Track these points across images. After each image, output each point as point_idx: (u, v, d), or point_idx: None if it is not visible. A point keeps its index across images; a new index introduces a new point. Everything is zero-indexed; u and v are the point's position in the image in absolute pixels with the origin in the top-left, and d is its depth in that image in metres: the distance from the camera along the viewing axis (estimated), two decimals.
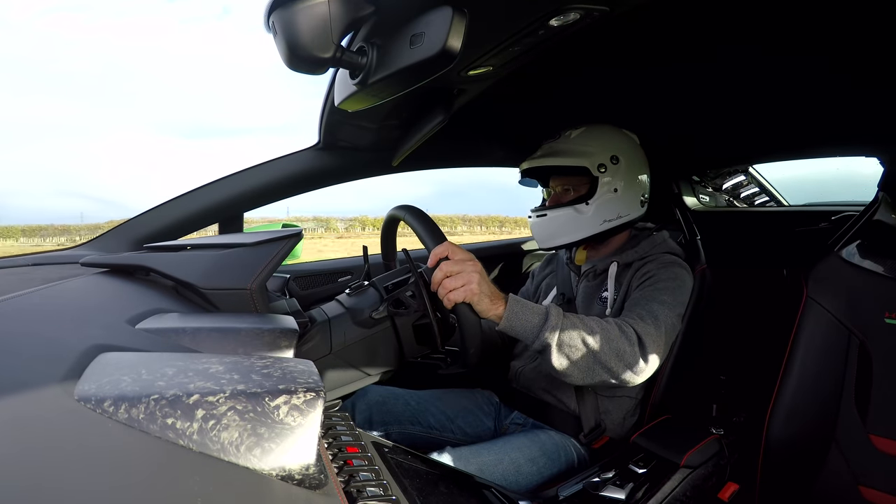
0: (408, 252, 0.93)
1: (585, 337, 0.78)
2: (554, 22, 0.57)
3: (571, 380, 0.82)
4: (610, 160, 1.02)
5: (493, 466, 0.86)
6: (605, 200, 1.02)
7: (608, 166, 1.02)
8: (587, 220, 1.02)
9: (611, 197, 1.02)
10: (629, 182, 1.04)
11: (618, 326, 0.82)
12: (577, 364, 0.79)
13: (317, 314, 0.89)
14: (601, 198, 1.02)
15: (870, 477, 0.89)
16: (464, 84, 0.77)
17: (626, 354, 0.80)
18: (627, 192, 1.04)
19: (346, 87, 0.63)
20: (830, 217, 1.28)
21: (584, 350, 0.78)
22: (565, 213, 1.03)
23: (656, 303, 0.90)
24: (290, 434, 0.30)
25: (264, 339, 0.51)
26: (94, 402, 0.28)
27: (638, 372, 0.82)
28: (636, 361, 0.80)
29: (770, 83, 0.96)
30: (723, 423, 1.03)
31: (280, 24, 0.47)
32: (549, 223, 1.05)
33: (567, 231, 1.04)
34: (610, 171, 1.02)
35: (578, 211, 1.02)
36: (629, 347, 0.80)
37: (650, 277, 0.96)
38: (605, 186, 1.02)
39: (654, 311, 0.87)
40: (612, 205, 1.03)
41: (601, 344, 0.79)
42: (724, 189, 1.93)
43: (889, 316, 0.92)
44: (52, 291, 0.54)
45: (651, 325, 0.85)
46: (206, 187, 1.07)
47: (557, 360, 0.79)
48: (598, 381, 0.82)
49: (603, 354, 0.79)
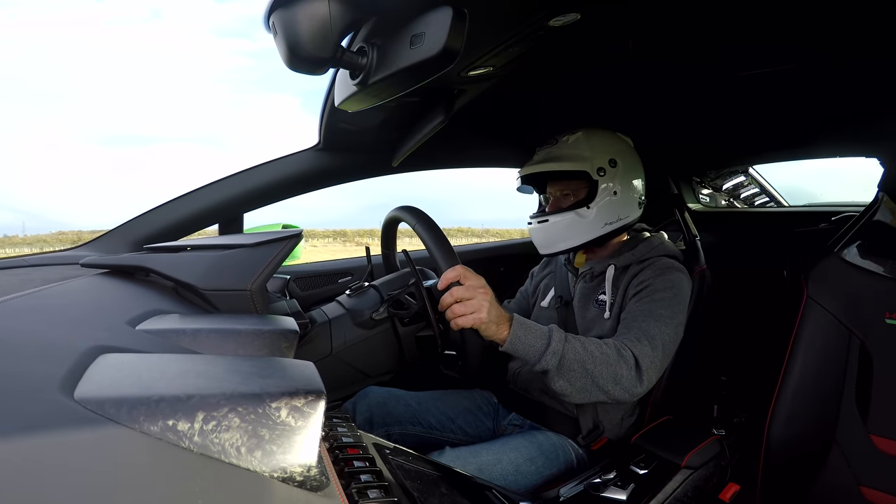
0: (408, 253, 0.93)
1: (584, 361, 0.82)
2: (554, 22, 0.57)
3: (569, 399, 0.86)
4: (608, 163, 1.03)
5: (492, 466, 0.87)
6: (605, 203, 1.02)
7: (607, 170, 1.02)
8: (589, 223, 1.03)
9: (611, 200, 1.03)
10: (627, 184, 1.05)
11: (616, 350, 0.84)
12: (575, 385, 0.83)
13: (317, 315, 0.89)
14: (602, 201, 1.02)
15: (871, 477, 0.89)
16: (464, 84, 0.77)
17: (622, 378, 0.83)
18: (626, 195, 1.04)
19: (346, 88, 0.63)
20: (830, 217, 1.28)
21: (583, 373, 0.82)
22: (567, 218, 1.03)
23: (653, 320, 0.90)
24: (291, 436, 0.30)
25: (264, 340, 0.51)
26: (95, 403, 0.28)
27: (633, 394, 0.85)
28: (632, 385, 0.84)
29: (770, 83, 0.97)
30: (724, 424, 1.03)
31: (280, 25, 0.47)
32: (552, 229, 1.06)
33: (569, 236, 1.04)
34: (609, 174, 1.02)
35: (580, 215, 1.02)
36: (626, 371, 0.83)
37: (646, 288, 0.96)
38: (604, 190, 1.02)
39: (651, 332, 0.88)
40: (612, 207, 1.03)
41: (599, 368, 0.82)
42: (725, 189, 1.93)
43: (889, 316, 0.92)
44: (52, 292, 0.53)
45: (648, 346, 0.86)
46: (206, 188, 1.07)
47: (556, 383, 0.83)
48: (595, 401, 0.87)
49: (600, 378, 0.82)
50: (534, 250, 1.15)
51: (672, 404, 1.08)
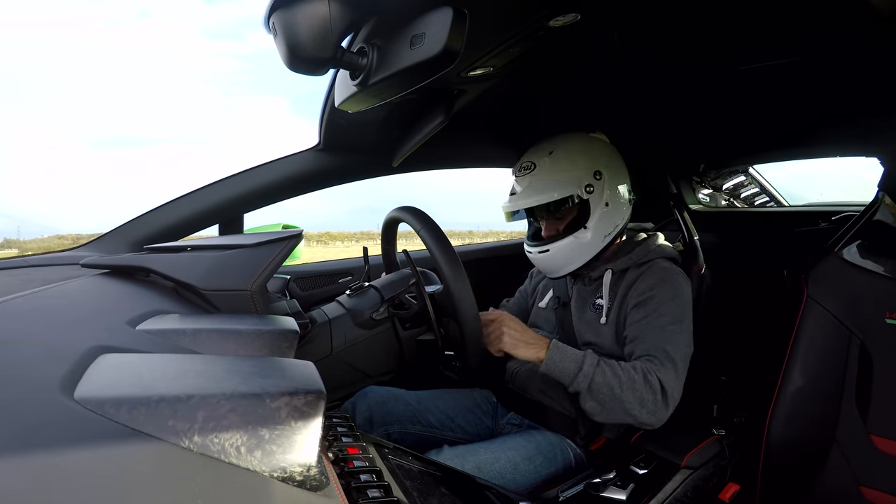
0: (408, 253, 0.93)
1: (613, 386, 0.85)
2: (554, 22, 0.57)
3: (596, 418, 0.90)
4: (594, 177, 1.00)
5: (490, 465, 0.87)
6: (600, 218, 1.01)
7: (594, 184, 1.00)
8: (590, 242, 1.01)
9: (604, 212, 1.01)
10: (616, 192, 1.03)
11: (643, 375, 0.86)
12: (603, 407, 0.87)
13: (317, 315, 0.89)
14: (597, 217, 1.00)
15: (871, 477, 0.88)
16: (464, 85, 0.77)
17: (647, 402, 0.85)
18: (616, 202, 1.03)
19: (346, 88, 0.63)
20: (830, 217, 1.28)
21: (611, 397, 0.86)
22: (567, 244, 1.01)
23: (669, 339, 0.91)
24: (290, 435, 0.30)
25: (265, 340, 0.51)
26: (95, 403, 0.28)
27: (659, 419, 0.87)
28: (657, 409, 0.86)
29: (770, 82, 0.96)
30: (724, 424, 1.03)
31: (280, 25, 0.47)
32: (555, 257, 1.03)
33: (573, 258, 1.03)
34: (597, 188, 1.00)
35: (578, 238, 1.01)
36: (651, 396, 0.85)
37: (651, 300, 0.95)
38: (596, 205, 1.00)
39: (672, 355, 0.89)
40: (607, 219, 1.02)
41: (626, 393, 0.85)
42: (725, 189, 1.93)
43: (890, 316, 0.92)
44: (52, 293, 0.53)
45: (672, 370, 0.88)
46: (206, 188, 1.07)
47: (586, 404, 0.88)
48: (622, 422, 0.90)
49: (627, 403, 0.85)
50: None
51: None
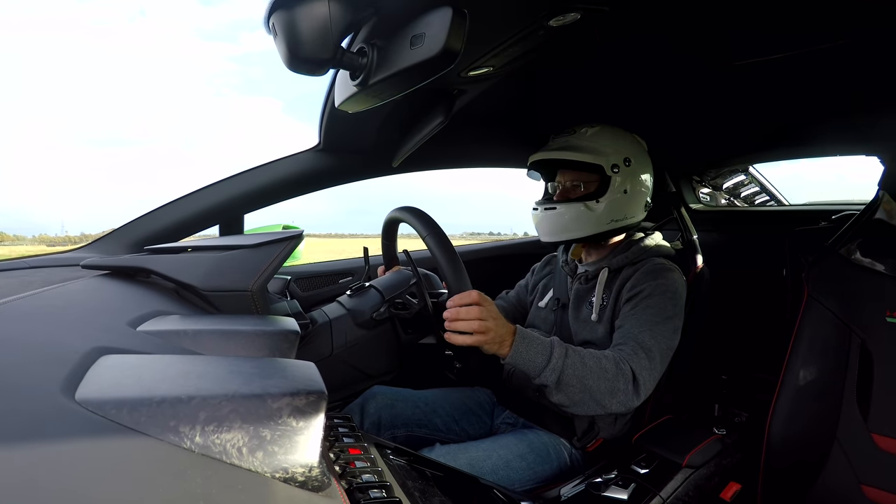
0: (409, 253, 0.93)
1: (583, 377, 0.83)
2: (554, 22, 0.57)
3: (566, 409, 0.87)
4: (623, 162, 1.02)
5: (483, 461, 0.87)
6: (614, 200, 1.02)
7: (621, 167, 1.02)
8: (596, 217, 1.02)
9: (620, 198, 1.02)
10: (638, 185, 1.04)
11: (615, 364, 0.85)
12: (572, 398, 0.84)
13: (318, 315, 0.89)
14: (611, 197, 1.02)
15: (872, 476, 0.88)
16: (464, 85, 0.77)
17: (619, 392, 0.84)
18: (635, 195, 1.04)
19: (346, 88, 0.63)
20: (831, 216, 1.28)
21: (581, 388, 0.83)
22: (575, 209, 1.03)
23: (648, 329, 0.90)
24: (292, 436, 0.30)
25: (266, 340, 0.51)
26: (96, 404, 0.28)
27: (629, 407, 0.86)
28: (628, 398, 0.84)
29: (770, 82, 0.96)
30: (725, 423, 1.03)
31: (280, 25, 0.47)
32: (558, 217, 1.05)
33: (574, 227, 1.04)
34: (622, 172, 1.02)
35: (588, 208, 1.02)
36: (623, 385, 0.84)
37: (640, 293, 0.96)
38: (616, 187, 1.02)
39: (647, 343, 0.89)
40: (620, 205, 1.03)
41: (597, 383, 0.83)
42: (725, 189, 1.92)
43: (890, 315, 0.92)
44: (52, 294, 0.53)
45: (645, 358, 0.87)
46: (206, 189, 1.07)
47: (555, 396, 0.84)
48: (592, 413, 0.87)
49: (598, 393, 0.83)
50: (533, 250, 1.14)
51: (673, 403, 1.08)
